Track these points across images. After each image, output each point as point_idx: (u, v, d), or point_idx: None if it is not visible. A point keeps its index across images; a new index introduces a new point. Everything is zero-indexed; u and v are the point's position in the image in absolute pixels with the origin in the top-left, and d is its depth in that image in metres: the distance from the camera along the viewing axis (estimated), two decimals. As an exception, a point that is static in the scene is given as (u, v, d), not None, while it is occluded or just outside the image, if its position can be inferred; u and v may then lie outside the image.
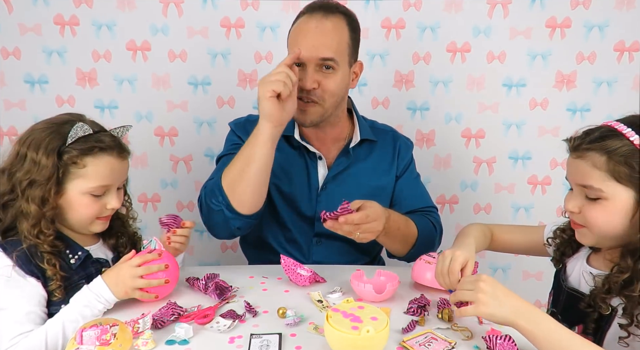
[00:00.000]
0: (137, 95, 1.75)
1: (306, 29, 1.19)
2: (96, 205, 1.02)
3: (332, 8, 1.22)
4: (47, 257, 0.95)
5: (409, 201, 1.38)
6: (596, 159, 0.87)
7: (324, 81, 1.19)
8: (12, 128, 1.75)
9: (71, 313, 0.93)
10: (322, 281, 1.14)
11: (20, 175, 0.97)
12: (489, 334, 0.84)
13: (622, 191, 0.86)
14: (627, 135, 0.86)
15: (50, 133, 0.98)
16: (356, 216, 1.05)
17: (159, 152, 1.81)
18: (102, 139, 1.01)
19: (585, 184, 0.89)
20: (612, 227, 0.88)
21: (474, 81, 1.77)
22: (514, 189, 1.88)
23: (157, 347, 0.85)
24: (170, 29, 1.70)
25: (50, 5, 1.66)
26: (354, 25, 1.25)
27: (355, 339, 0.78)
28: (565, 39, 1.72)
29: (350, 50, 1.23)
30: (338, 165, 1.33)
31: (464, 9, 1.70)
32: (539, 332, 0.80)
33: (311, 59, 1.17)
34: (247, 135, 1.18)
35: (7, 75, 1.71)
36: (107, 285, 0.96)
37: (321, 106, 1.21)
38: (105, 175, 1.01)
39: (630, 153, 0.85)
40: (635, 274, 0.85)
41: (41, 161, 0.95)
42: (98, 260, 1.07)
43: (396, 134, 1.45)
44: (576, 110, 1.78)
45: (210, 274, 1.10)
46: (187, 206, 1.87)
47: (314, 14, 1.20)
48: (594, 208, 0.89)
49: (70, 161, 0.97)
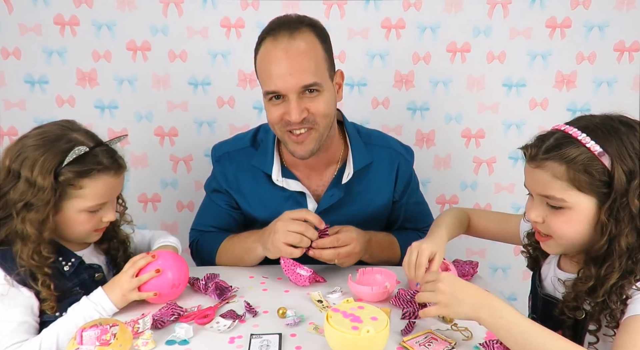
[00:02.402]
0: (137, 95, 1.75)
1: (275, 57, 1.05)
2: (93, 221, 1.01)
3: (295, 23, 1.09)
4: (41, 279, 0.93)
5: (405, 224, 1.37)
6: (556, 169, 0.85)
7: (312, 106, 1.08)
8: (12, 128, 1.75)
9: (67, 324, 0.92)
10: (322, 281, 1.14)
11: (15, 196, 0.93)
12: (487, 339, 0.85)
13: (584, 199, 0.85)
14: (582, 141, 0.84)
15: (45, 152, 0.93)
16: (327, 240, 1.08)
17: (159, 152, 1.81)
18: (100, 159, 0.98)
19: (547, 194, 0.88)
20: (578, 236, 0.88)
21: (474, 81, 1.77)
22: (514, 189, 1.87)
23: (157, 347, 0.85)
24: (170, 29, 1.70)
25: (50, 5, 1.65)
26: (323, 34, 1.13)
27: (355, 339, 0.78)
28: (565, 39, 1.72)
29: (327, 64, 1.11)
30: (329, 197, 1.23)
31: (464, 9, 1.70)
32: (500, 325, 0.81)
33: (291, 89, 1.05)
34: (229, 182, 1.27)
35: (7, 75, 1.71)
36: (105, 292, 0.96)
37: (316, 131, 1.11)
38: (102, 194, 1.00)
39: (589, 161, 0.83)
40: (598, 281, 0.85)
41: (37, 182, 0.91)
42: (91, 266, 1.06)
43: (393, 149, 1.30)
44: (576, 110, 1.78)
45: (210, 274, 1.10)
46: (187, 206, 1.87)
47: (279, 37, 1.06)
48: (558, 218, 0.88)
49: (67, 183, 0.94)
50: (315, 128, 1.11)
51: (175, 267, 1.02)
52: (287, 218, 1.07)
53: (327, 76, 1.12)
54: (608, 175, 0.83)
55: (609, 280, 0.83)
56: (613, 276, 0.83)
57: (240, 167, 1.27)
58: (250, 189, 1.27)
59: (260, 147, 1.27)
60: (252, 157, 1.26)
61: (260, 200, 1.25)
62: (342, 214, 1.24)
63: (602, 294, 0.84)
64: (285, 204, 1.24)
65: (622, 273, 0.83)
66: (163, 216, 1.87)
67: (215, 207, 1.32)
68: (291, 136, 1.11)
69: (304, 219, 1.07)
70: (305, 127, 1.10)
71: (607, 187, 0.83)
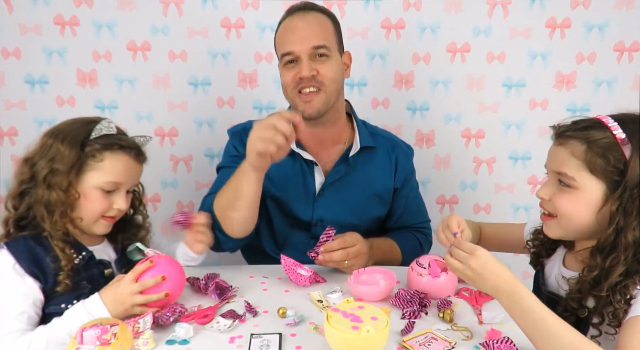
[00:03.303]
0: (138, 95, 1.75)
1: (292, 26, 1.23)
2: (104, 202, 1.03)
3: (311, 7, 1.27)
4: (60, 246, 0.97)
5: (405, 217, 1.40)
6: (576, 147, 0.88)
7: (321, 68, 1.21)
8: (12, 128, 1.75)
9: (60, 329, 0.91)
10: (322, 281, 1.14)
11: (42, 163, 0.99)
12: (487, 339, 0.85)
13: (594, 183, 0.87)
14: (611, 128, 0.86)
15: (78, 127, 1.02)
16: (334, 243, 1.11)
17: (159, 152, 1.81)
18: (124, 138, 1.06)
19: (560, 170, 0.90)
20: (580, 220, 0.89)
21: (474, 81, 1.77)
22: (513, 189, 1.88)
23: (157, 347, 0.85)
24: (170, 29, 1.70)
25: (50, 5, 1.66)
26: (335, 21, 1.30)
27: (355, 339, 0.78)
28: (565, 39, 1.72)
29: (337, 40, 1.27)
30: (336, 172, 1.32)
31: (464, 9, 1.70)
32: (516, 310, 0.82)
33: (304, 50, 1.20)
34: (243, 145, 1.18)
35: (7, 75, 1.71)
36: (105, 303, 0.93)
37: (324, 92, 1.23)
38: (119, 172, 1.03)
39: (610, 146, 0.85)
40: (602, 272, 0.86)
41: (65, 151, 0.98)
42: (101, 261, 1.06)
43: (395, 140, 1.43)
44: (576, 111, 1.78)
45: (210, 274, 1.10)
46: (187, 206, 1.87)
47: (295, 14, 1.25)
48: (563, 196, 0.90)
49: (90, 153, 1.00)
50: (322, 89, 1.23)
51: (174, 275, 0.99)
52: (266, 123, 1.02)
53: (336, 49, 1.26)
54: (624, 164, 0.84)
55: (613, 272, 0.84)
56: (618, 269, 0.84)
57: None
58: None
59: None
60: None
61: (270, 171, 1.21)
62: (346, 191, 1.32)
63: (607, 288, 0.84)
64: (294, 172, 1.31)
65: (627, 269, 0.84)
66: (163, 216, 1.86)
67: (227, 172, 1.25)
68: (301, 96, 1.23)
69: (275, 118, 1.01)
70: (314, 86, 1.22)
71: (619, 176, 0.85)
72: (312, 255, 1.12)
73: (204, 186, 1.84)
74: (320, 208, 1.31)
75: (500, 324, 0.94)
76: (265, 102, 1.78)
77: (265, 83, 1.75)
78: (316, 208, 1.31)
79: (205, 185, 1.84)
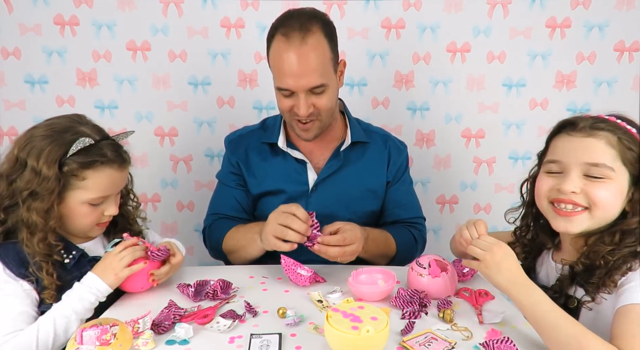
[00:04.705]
0: (137, 95, 1.75)
1: (288, 58, 1.14)
2: (94, 214, 1.02)
3: (307, 19, 1.16)
4: (46, 268, 0.95)
5: (397, 211, 1.40)
6: (610, 138, 0.90)
7: (318, 102, 1.20)
8: (12, 128, 1.75)
9: (63, 309, 0.93)
10: (322, 281, 1.14)
11: (21, 185, 0.95)
12: (487, 339, 0.84)
13: (624, 173, 0.90)
14: (620, 124, 0.91)
15: (51, 142, 0.95)
16: (333, 238, 1.10)
17: (159, 152, 1.81)
18: (104, 151, 0.99)
19: (596, 162, 0.90)
20: (614, 207, 0.91)
21: (474, 81, 1.77)
22: (514, 189, 1.86)
23: (157, 347, 0.85)
24: (170, 29, 1.70)
25: (50, 5, 1.66)
26: (331, 31, 1.20)
27: (355, 339, 0.78)
28: (565, 39, 1.72)
29: (333, 62, 1.21)
30: (329, 167, 1.33)
31: (464, 9, 1.70)
32: (527, 303, 0.86)
33: (300, 89, 1.17)
34: (239, 157, 1.35)
35: (7, 75, 1.71)
36: (98, 275, 0.97)
37: (320, 121, 1.24)
38: (105, 186, 1.01)
39: (633, 139, 0.90)
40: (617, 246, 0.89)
41: (42, 171, 0.93)
42: (94, 258, 1.05)
43: (387, 135, 1.44)
44: (576, 110, 1.78)
45: (201, 281, 1.07)
46: (187, 206, 1.87)
47: (291, 36, 1.13)
48: (600, 187, 0.90)
49: (70, 173, 0.96)
50: (319, 119, 1.24)
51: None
52: (279, 210, 1.12)
53: (333, 72, 1.23)
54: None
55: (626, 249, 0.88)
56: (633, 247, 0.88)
57: (250, 145, 1.38)
58: (257, 163, 1.36)
59: (268, 129, 1.38)
60: (261, 136, 1.37)
61: (265, 172, 1.34)
62: (339, 186, 1.33)
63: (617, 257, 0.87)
64: (286, 172, 1.33)
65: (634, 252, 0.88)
66: (163, 216, 1.87)
67: (225, 191, 1.39)
68: (298, 124, 1.25)
69: (293, 213, 1.09)
70: (311, 119, 1.23)
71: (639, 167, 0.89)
72: (307, 244, 1.10)
73: (204, 186, 1.84)
74: (314, 204, 1.31)
75: (500, 324, 0.94)
76: (265, 102, 1.78)
77: (265, 83, 1.75)
78: (310, 204, 1.32)
79: (205, 185, 1.84)
